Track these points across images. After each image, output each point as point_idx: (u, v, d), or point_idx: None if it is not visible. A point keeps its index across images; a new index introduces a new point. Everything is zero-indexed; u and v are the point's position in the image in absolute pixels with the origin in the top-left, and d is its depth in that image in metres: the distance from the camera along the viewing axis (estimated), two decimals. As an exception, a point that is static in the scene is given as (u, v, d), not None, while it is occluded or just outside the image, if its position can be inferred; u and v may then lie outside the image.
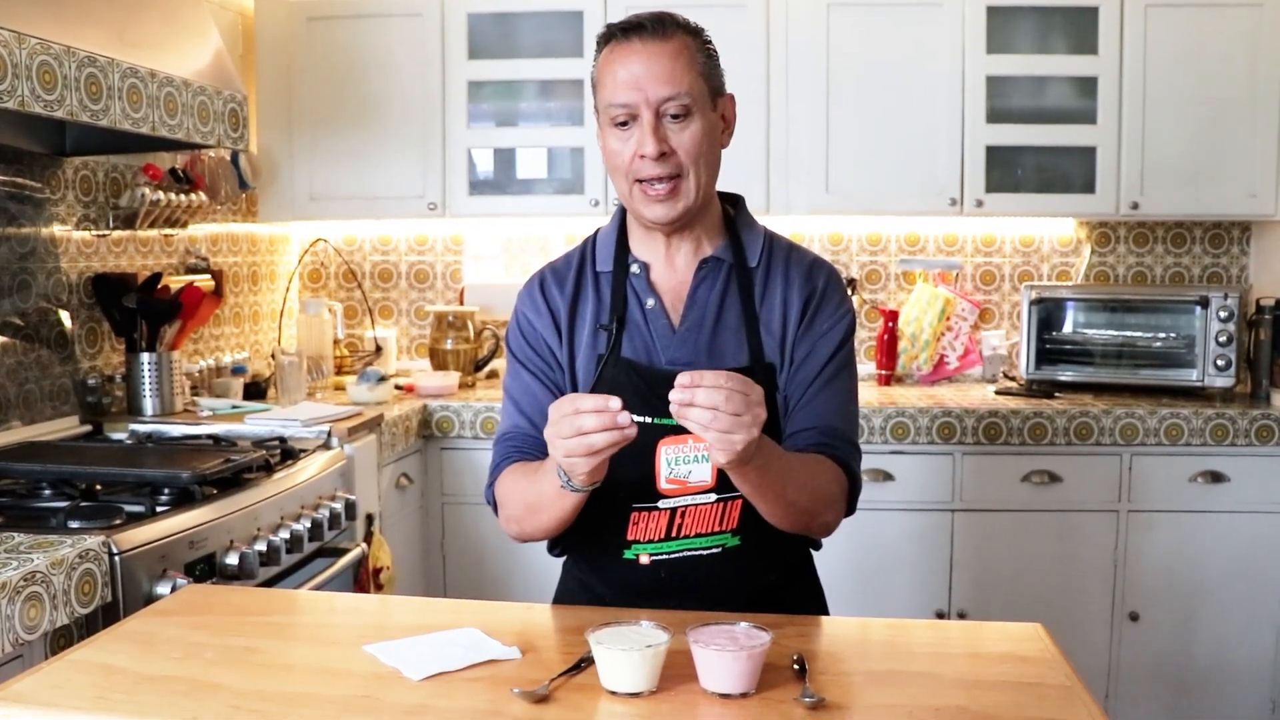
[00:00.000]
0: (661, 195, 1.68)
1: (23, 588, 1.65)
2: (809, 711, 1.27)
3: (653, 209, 1.69)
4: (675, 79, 1.65)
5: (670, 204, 1.68)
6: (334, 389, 3.70)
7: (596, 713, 1.28)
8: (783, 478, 1.59)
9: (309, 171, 3.75)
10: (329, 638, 1.57)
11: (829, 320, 1.77)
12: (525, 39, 3.72)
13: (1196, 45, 3.48)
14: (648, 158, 1.65)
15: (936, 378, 3.91)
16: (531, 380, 1.80)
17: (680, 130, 1.66)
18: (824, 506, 1.67)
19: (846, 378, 1.78)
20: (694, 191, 1.69)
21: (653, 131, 1.65)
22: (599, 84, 1.71)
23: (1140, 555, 3.29)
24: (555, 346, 1.79)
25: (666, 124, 1.66)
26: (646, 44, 1.66)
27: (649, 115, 1.65)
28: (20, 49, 1.98)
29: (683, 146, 1.66)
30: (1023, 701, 1.31)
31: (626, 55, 1.66)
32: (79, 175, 2.92)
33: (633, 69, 1.65)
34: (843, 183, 3.60)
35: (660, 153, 1.65)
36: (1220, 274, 3.91)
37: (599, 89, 1.71)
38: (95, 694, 1.31)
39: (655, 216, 1.70)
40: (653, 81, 1.64)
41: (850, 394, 1.79)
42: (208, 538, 2.13)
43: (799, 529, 1.68)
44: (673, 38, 1.67)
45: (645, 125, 1.65)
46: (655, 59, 1.65)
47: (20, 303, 2.71)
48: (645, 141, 1.65)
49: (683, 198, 1.68)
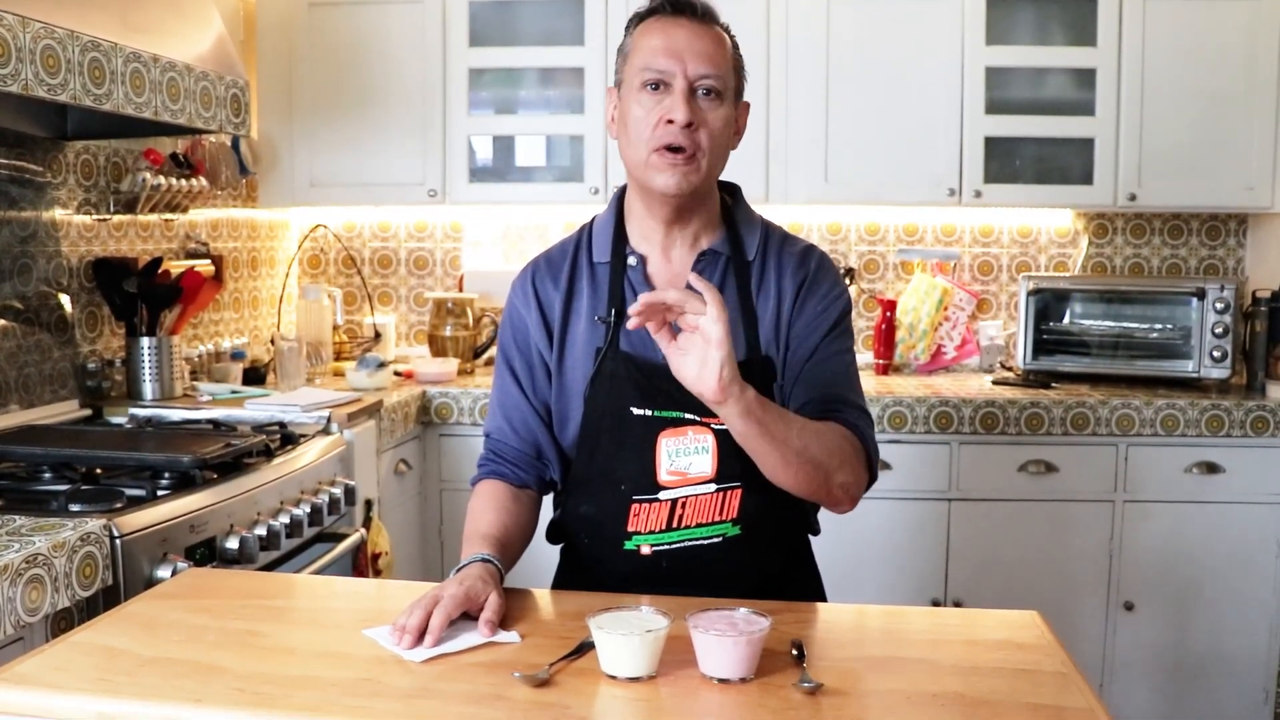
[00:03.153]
0: (679, 162, 1.66)
1: (24, 570, 1.65)
2: (807, 697, 1.28)
3: (666, 175, 1.66)
4: (716, 60, 1.67)
5: (685, 174, 1.66)
6: (333, 375, 3.70)
7: (597, 697, 1.29)
8: (785, 422, 1.56)
9: (309, 157, 3.75)
10: (329, 621, 1.58)
11: (822, 302, 1.76)
12: (526, 26, 3.71)
13: (1195, 38, 3.48)
14: (676, 124, 1.64)
15: (934, 367, 3.92)
16: (513, 385, 1.82)
17: (710, 109, 1.67)
18: (838, 461, 1.62)
19: (845, 352, 1.77)
20: (705, 170, 1.69)
21: (685, 99, 1.65)
22: (633, 50, 1.71)
23: (1136, 545, 3.31)
24: (543, 345, 1.80)
25: (699, 99, 1.66)
26: (693, 23, 1.68)
27: (684, 84, 1.65)
28: (24, 33, 1.98)
29: (708, 125, 1.67)
30: (1019, 688, 1.32)
31: (672, 27, 1.67)
32: (80, 159, 2.92)
33: (676, 40, 1.66)
34: (842, 173, 3.61)
35: (689, 122, 1.64)
36: (1217, 266, 3.92)
37: (632, 54, 1.71)
38: (98, 675, 1.32)
39: (666, 184, 1.67)
40: (694, 56, 1.65)
41: (850, 366, 1.78)
42: (208, 522, 2.14)
43: (816, 489, 1.63)
44: (715, 27, 1.70)
45: (679, 92, 1.65)
46: (699, 38, 1.67)
47: (21, 286, 2.71)
48: (677, 107, 1.64)
49: (696, 172, 1.67)
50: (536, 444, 1.82)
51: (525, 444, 1.82)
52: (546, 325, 1.80)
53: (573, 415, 1.77)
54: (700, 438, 1.67)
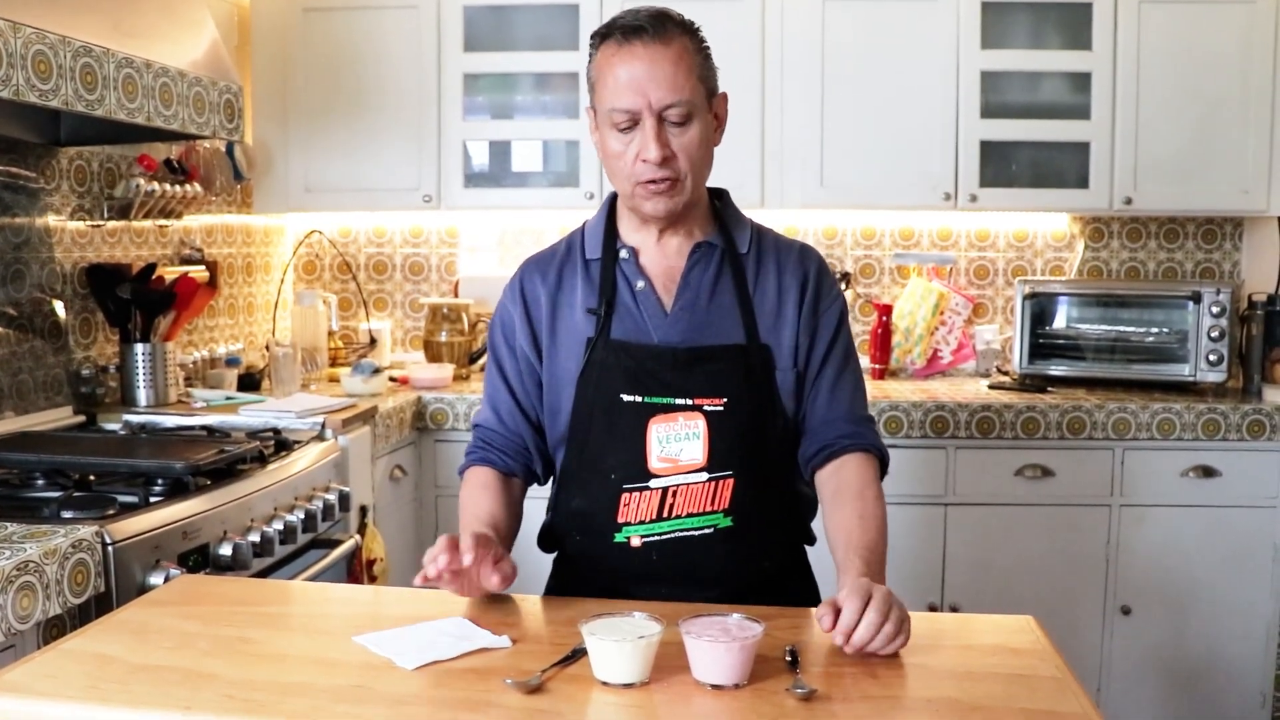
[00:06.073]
0: (662, 190, 1.71)
1: (15, 577, 1.65)
2: (801, 702, 1.28)
3: (653, 203, 1.73)
4: (677, 86, 1.67)
5: (669, 199, 1.72)
6: (328, 381, 3.69)
7: (589, 703, 1.29)
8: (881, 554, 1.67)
9: (304, 163, 3.74)
10: (322, 628, 1.58)
11: (825, 304, 1.83)
12: (521, 32, 3.71)
13: (1190, 42, 3.48)
14: (650, 162, 1.68)
15: (930, 372, 3.91)
16: (500, 381, 1.87)
17: (681, 134, 1.69)
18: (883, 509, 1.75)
19: (853, 359, 1.86)
20: (690, 188, 1.73)
21: (655, 137, 1.67)
22: (598, 83, 1.72)
23: (1132, 549, 3.31)
24: (526, 341, 1.83)
25: (668, 129, 1.68)
26: (649, 48, 1.66)
27: (651, 121, 1.67)
28: (15, 38, 1.98)
29: (683, 150, 1.70)
30: (1014, 693, 1.32)
31: (629, 59, 1.67)
32: (74, 165, 2.91)
33: (635, 73, 1.66)
34: (837, 177, 3.61)
35: (663, 157, 1.67)
36: (1213, 269, 3.92)
37: (598, 88, 1.72)
38: (88, 683, 1.31)
39: (654, 211, 1.73)
40: (655, 87, 1.66)
41: (859, 374, 1.87)
42: (201, 528, 2.13)
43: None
44: (673, 41, 1.68)
45: (648, 131, 1.67)
46: (657, 64, 1.66)
47: (14, 293, 2.71)
48: (649, 147, 1.67)
49: (681, 194, 1.73)
50: (522, 437, 1.87)
51: (512, 435, 1.87)
52: (531, 322, 1.83)
53: (564, 406, 1.79)
54: (691, 423, 1.68)
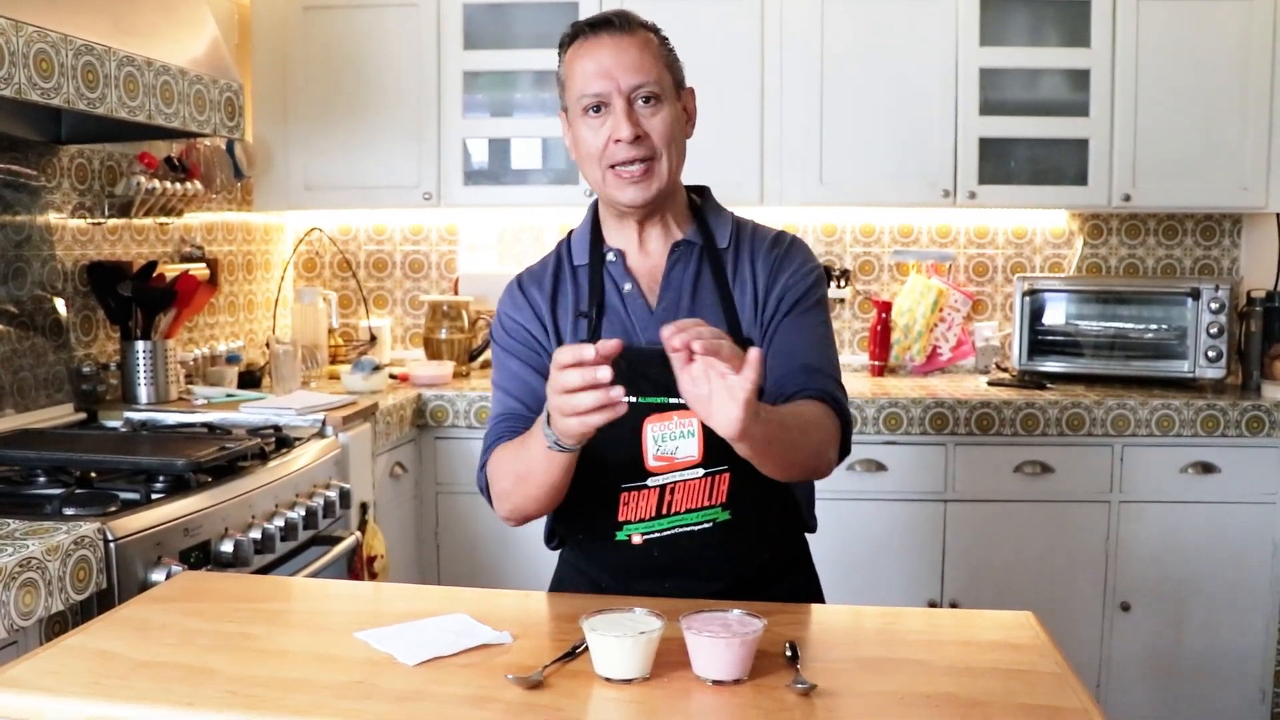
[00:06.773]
0: (636, 176, 1.72)
1: (18, 574, 1.65)
2: (801, 698, 1.28)
3: (627, 191, 1.73)
4: (644, 68, 1.71)
5: (644, 185, 1.73)
6: (328, 378, 3.70)
7: (590, 699, 1.29)
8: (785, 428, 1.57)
9: (304, 161, 3.75)
10: (323, 624, 1.58)
11: (794, 275, 1.79)
12: (520, 30, 3.71)
13: (1188, 38, 3.49)
14: (623, 141, 1.69)
15: (929, 369, 3.92)
16: (519, 366, 1.81)
17: (652, 115, 1.72)
18: (825, 445, 1.68)
19: (820, 319, 1.80)
20: (665, 174, 1.74)
21: (626, 115, 1.70)
22: (568, 79, 1.76)
23: (1131, 545, 3.31)
24: (540, 336, 1.82)
25: (638, 109, 1.71)
26: (615, 37, 1.72)
27: (621, 102, 1.70)
28: (17, 36, 1.98)
29: (655, 130, 1.71)
30: (1013, 689, 1.32)
31: (595, 48, 1.72)
32: (74, 163, 2.91)
33: (602, 60, 1.71)
34: (836, 174, 3.61)
35: (635, 135, 1.69)
36: (1211, 266, 3.93)
37: (568, 83, 1.76)
38: (90, 679, 1.32)
39: (629, 199, 1.73)
40: (623, 70, 1.70)
41: (826, 334, 1.80)
42: (202, 525, 2.14)
43: (806, 476, 1.72)
44: (637, 32, 1.74)
45: (619, 111, 1.70)
46: (624, 50, 1.71)
47: (15, 290, 2.71)
48: (620, 125, 1.69)
49: (655, 179, 1.73)
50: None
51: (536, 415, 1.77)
52: (540, 323, 1.83)
53: None
54: (685, 422, 1.68)
